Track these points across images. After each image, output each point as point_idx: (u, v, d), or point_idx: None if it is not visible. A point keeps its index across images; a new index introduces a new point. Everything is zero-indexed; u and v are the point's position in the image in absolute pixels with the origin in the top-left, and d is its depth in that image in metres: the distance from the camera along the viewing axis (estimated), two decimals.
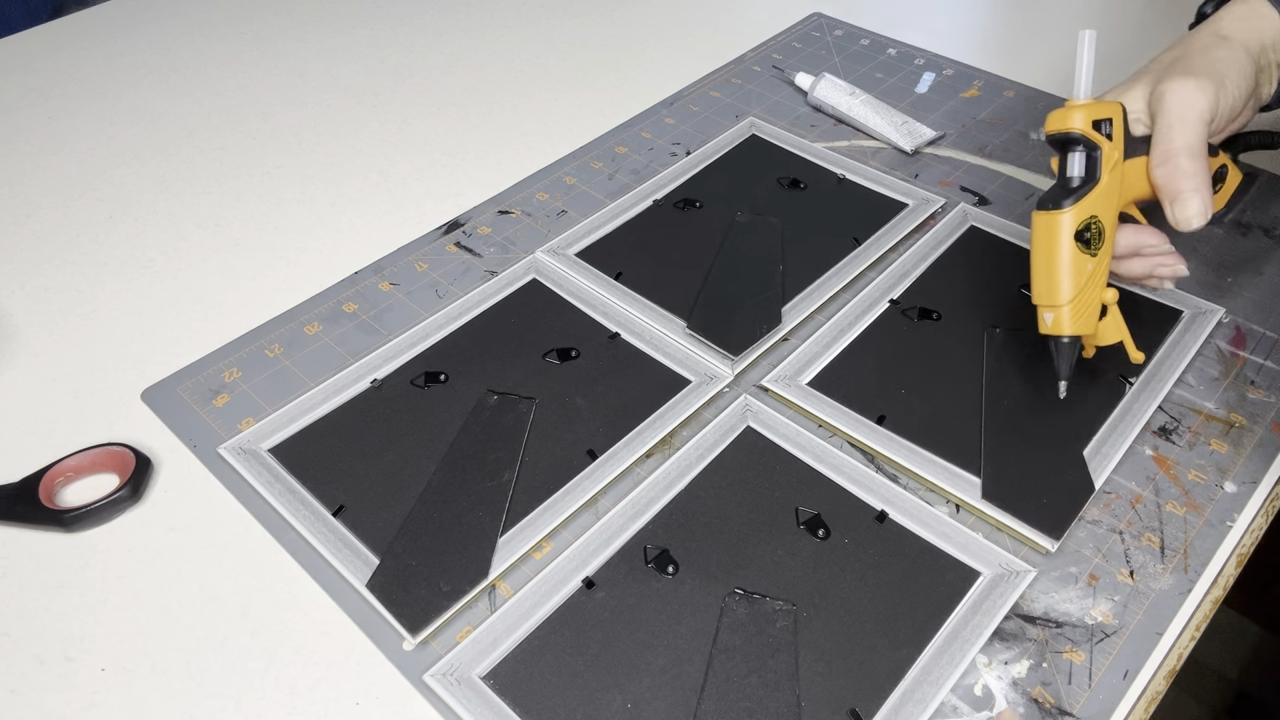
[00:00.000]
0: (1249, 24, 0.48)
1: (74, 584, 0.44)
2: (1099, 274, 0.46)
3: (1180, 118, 0.45)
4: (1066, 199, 0.44)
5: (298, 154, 0.71)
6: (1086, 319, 0.46)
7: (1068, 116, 0.45)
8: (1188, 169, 0.45)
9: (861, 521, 0.46)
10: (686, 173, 0.67)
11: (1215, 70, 0.46)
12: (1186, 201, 0.45)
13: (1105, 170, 0.45)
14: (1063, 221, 0.44)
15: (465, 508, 0.46)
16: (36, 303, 0.59)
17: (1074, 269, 0.45)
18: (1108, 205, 0.45)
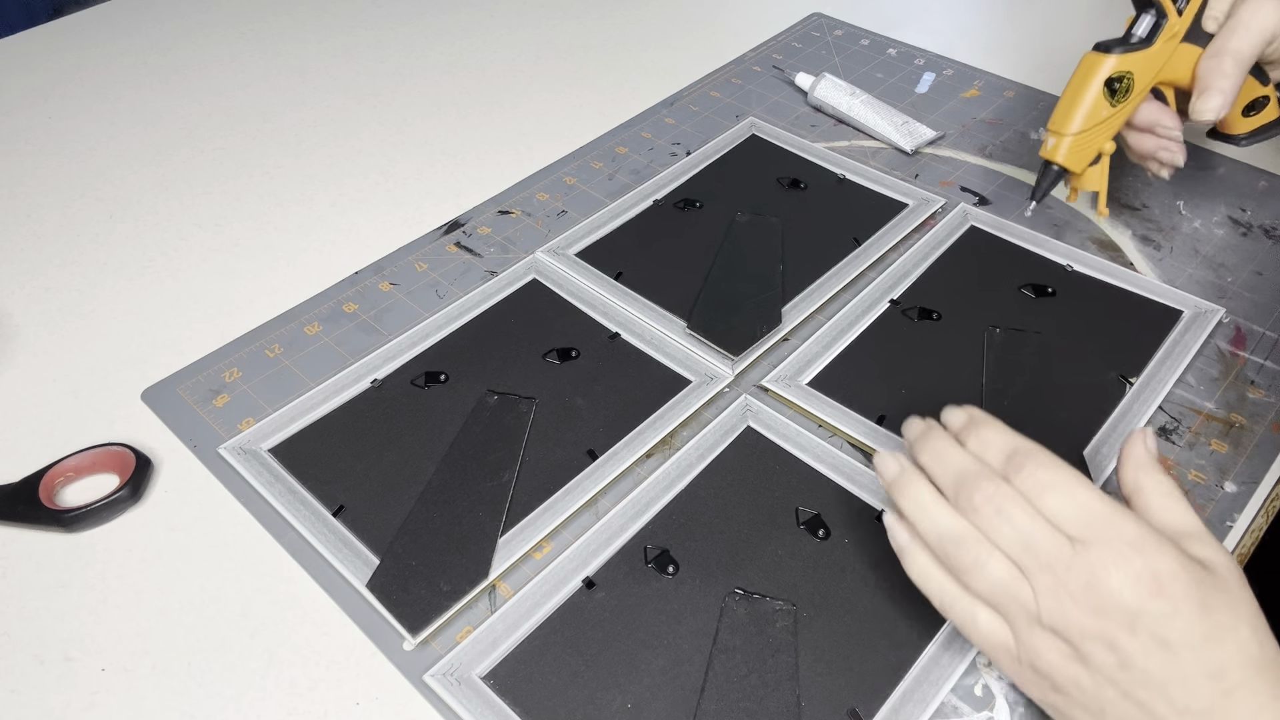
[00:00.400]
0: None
1: (74, 584, 0.44)
2: (1110, 124, 0.51)
3: (1245, 24, 0.49)
4: (1117, 47, 0.50)
5: (298, 154, 0.71)
6: (1080, 156, 0.52)
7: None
8: (1228, 70, 0.50)
9: (861, 521, 0.46)
10: (686, 173, 0.67)
11: None
12: (1211, 95, 0.50)
13: (1162, 39, 0.50)
14: (1104, 64, 0.50)
15: (465, 508, 0.46)
16: (36, 303, 0.59)
17: (1092, 108, 0.50)
18: (1147, 69, 0.50)
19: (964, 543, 0.36)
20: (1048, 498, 0.35)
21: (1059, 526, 0.35)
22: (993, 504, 0.36)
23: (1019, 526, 0.35)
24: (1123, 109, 0.51)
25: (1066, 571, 0.34)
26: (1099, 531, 0.34)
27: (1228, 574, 0.34)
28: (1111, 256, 0.59)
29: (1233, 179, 0.65)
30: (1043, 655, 0.35)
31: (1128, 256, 0.60)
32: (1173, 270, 0.58)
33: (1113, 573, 0.33)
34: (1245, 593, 0.34)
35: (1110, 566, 0.33)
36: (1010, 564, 0.35)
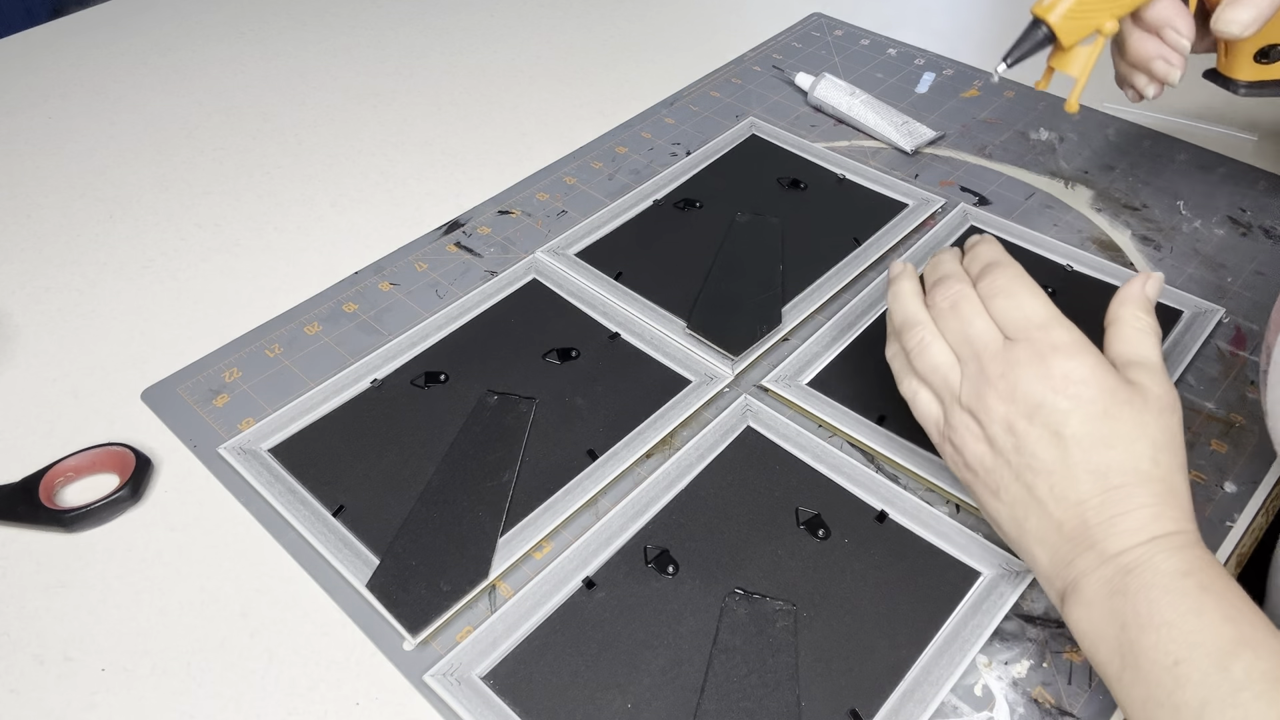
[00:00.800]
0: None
1: (74, 584, 0.44)
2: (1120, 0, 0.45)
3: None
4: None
5: (298, 154, 0.71)
6: (1076, 25, 0.45)
7: None
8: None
9: (861, 521, 0.46)
10: (686, 173, 0.67)
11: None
12: (1242, 8, 0.45)
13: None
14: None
15: (465, 508, 0.46)
16: (36, 303, 0.59)
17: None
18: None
19: (915, 328, 0.42)
20: (998, 300, 0.40)
21: (1000, 325, 0.40)
22: (949, 299, 0.41)
23: (963, 318, 0.41)
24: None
25: (991, 360, 0.39)
26: (1030, 333, 0.39)
27: (1155, 400, 0.37)
28: (1111, 256, 0.59)
29: (1233, 179, 0.65)
30: (958, 432, 0.40)
31: (1128, 256, 0.60)
32: (1173, 270, 0.58)
33: (1026, 367, 0.38)
34: (1165, 419, 0.37)
35: (1026, 361, 0.38)
36: (950, 351, 0.41)
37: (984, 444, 0.39)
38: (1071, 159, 0.67)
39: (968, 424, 0.40)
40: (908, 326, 0.43)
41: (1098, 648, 0.35)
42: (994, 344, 0.39)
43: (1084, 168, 0.66)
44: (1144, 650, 0.33)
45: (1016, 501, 0.38)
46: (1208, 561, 0.35)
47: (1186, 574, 0.34)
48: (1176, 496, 0.36)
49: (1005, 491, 0.39)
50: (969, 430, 0.40)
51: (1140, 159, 0.67)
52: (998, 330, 0.40)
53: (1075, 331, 0.39)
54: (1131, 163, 0.67)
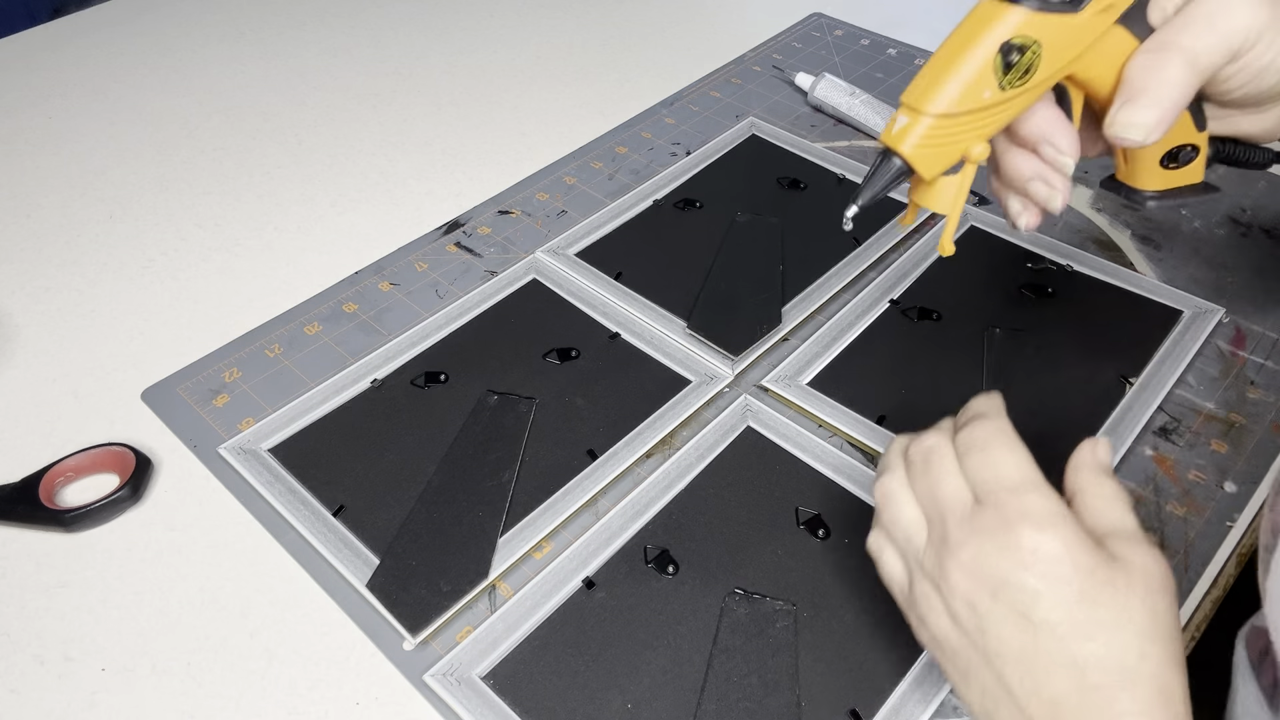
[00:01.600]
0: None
1: (74, 584, 0.44)
2: (990, 117, 0.35)
3: (1208, 17, 0.35)
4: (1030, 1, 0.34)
5: (298, 154, 0.71)
6: (936, 155, 0.35)
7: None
8: (1172, 75, 0.35)
9: (861, 522, 0.46)
10: (686, 173, 0.67)
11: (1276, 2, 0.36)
12: (1143, 106, 0.36)
13: (1092, 8, 0.35)
14: (1004, 19, 0.34)
15: (465, 508, 0.46)
16: (36, 303, 0.59)
17: (972, 82, 0.35)
18: (1062, 47, 0.35)
19: (885, 475, 0.37)
20: (972, 456, 0.35)
21: (973, 485, 0.35)
22: (922, 454, 0.36)
23: (933, 475, 0.35)
24: (1015, 98, 0.35)
25: (956, 525, 0.34)
26: (999, 496, 0.33)
27: (1141, 578, 0.32)
28: (1111, 256, 0.59)
29: (1233, 179, 0.65)
30: (919, 603, 0.35)
31: (1128, 256, 0.60)
32: (1173, 270, 0.58)
33: (992, 536, 0.33)
34: (1153, 600, 0.32)
35: (993, 531, 0.33)
36: (918, 509, 0.36)
37: (948, 619, 0.34)
38: None
39: (929, 595, 0.35)
40: (880, 485, 0.37)
41: None
42: (961, 506, 0.34)
43: (1084, 167, 0.66)
44: None
45: (987, 689, 0.33)
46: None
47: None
48: (1168, 699, 0.30)
49: (975, 676, 0.33)
50: (930, 602, 0.34)
51: None
52: (969, 491, 0.34)
53: (1053, 499, 0.33)
54: None
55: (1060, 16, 0.34)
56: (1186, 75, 0.36)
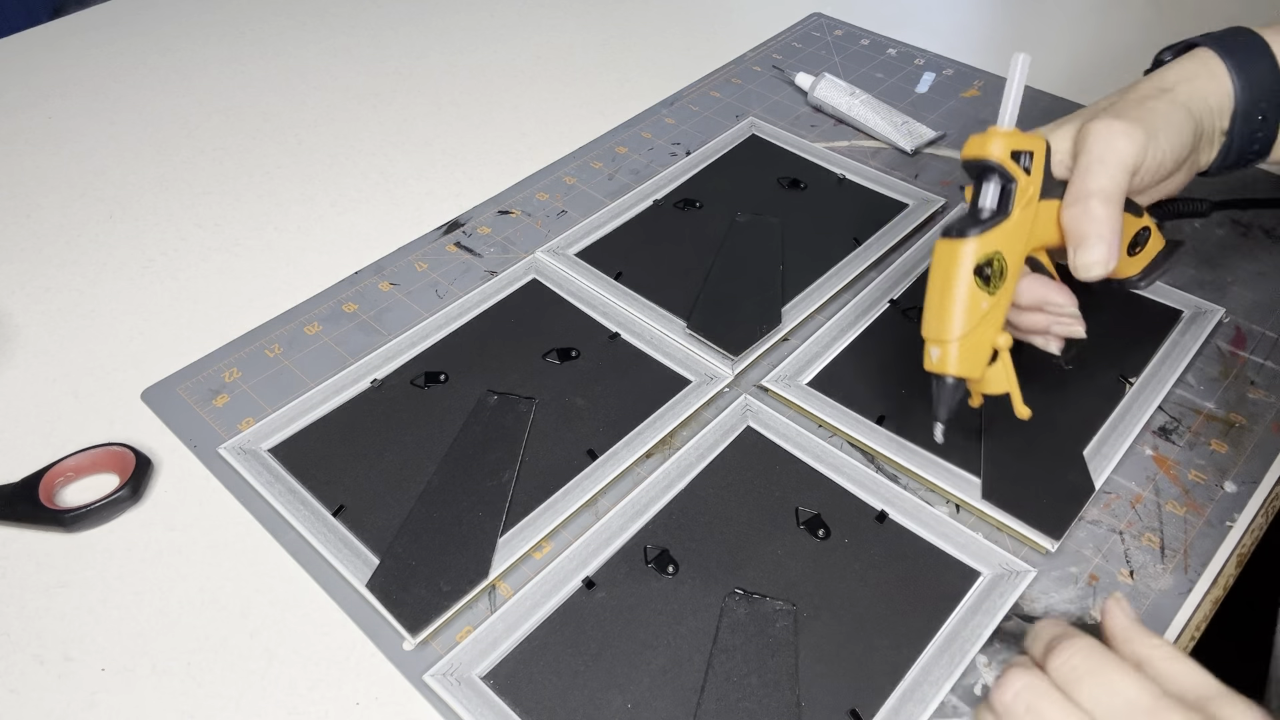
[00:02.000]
0: (1197, 83, 0.44)
1: (74, 584, 0.44)
2: (995, 315, 0.41)
3: (1100, 159, 0.41)
4: (973, 229, 0.40)
5: (298, 154, 0.71)
6: (974, 361, 0.41)
7: (986, 143, 0.40)
8: (1099, 214, 0.41)
9: (861, 521, 0.46)
10: (686, 173, 0.67)
11: (1148, 120, 0.42)
12: (1091, 247, 0.41)
13: (1018, 205, 0.41)
14: (964, 252, 0.40)
15: (465, 508, 0.46)
16: (36, 303, 0.59)
17: (969, 305, 0.40)
18: (1015, 243, 0.41)
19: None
20: (1084, 687, 0.33)
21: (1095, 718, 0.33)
22: (1023, 700, 0.33)
23: None
24: (1003, 295, 0.41)
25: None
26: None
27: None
28: None
29: (1233, 179, 0.65)
30: None
31: None
32: (1173, 270, 0.58)
33: None
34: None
35: None
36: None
37: None
38: None
39: None
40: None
41: None
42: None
43: None
44: None
45: None
46: None
47: None
48: None
49: None
50: None
51: None
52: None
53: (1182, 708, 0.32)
54: None
55: (1000, 225, 0.40)
56: (1108, 209, 0.41)
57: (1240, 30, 0.46)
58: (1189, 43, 0.46)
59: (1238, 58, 0.44)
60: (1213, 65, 0.44)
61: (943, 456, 0.48)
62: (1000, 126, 0.41)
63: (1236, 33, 0.46)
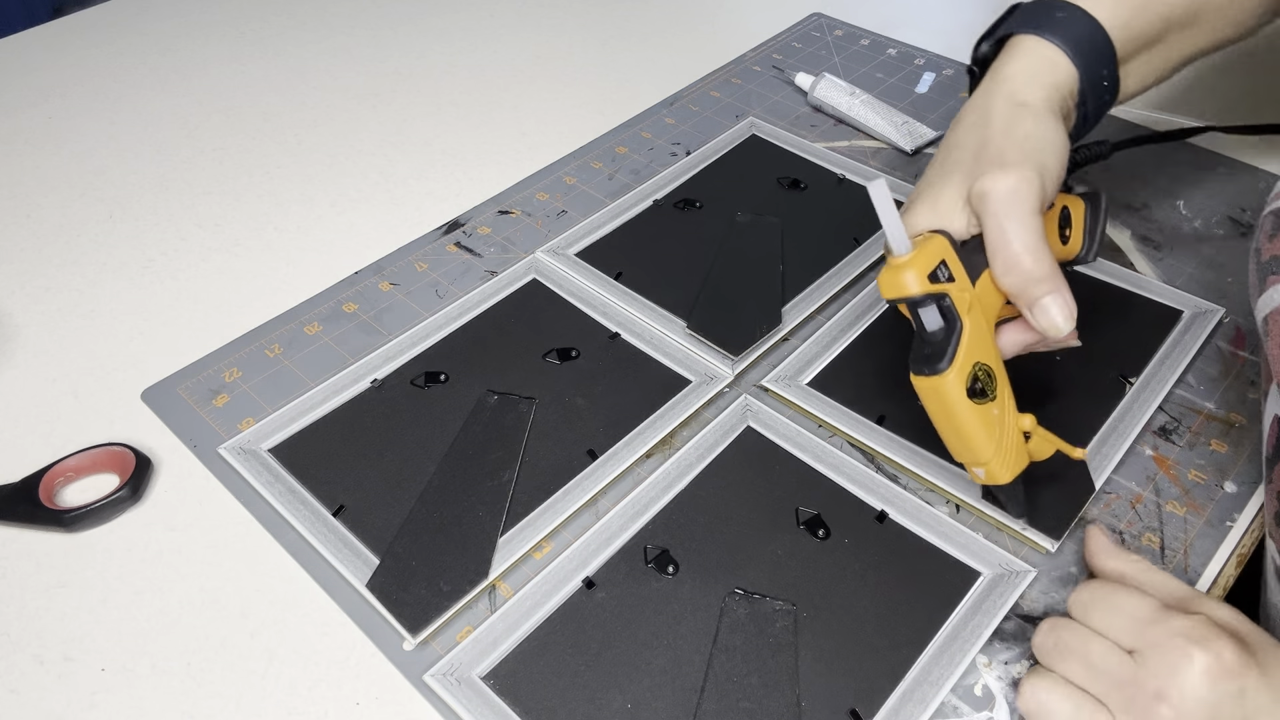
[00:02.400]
0: (1042, 78, 0.43)
1: (74, 584, 0.44)
2: (1007, 412, 0.41)
3: (1009, 217, 0.40)
4: (940, 360, 0.39)
5: (298, 154, 0.71)
6: (1017, 458, 0.41)
7: (900, 281, 0.38)
8: (1036, 273, 0.40)
9: (861, 521, 0.46)
10: (686, 173, 0.67)
11: (1031, 153, 0.41)
12: (1046, 308, 0.40)
13: (963, 312, 0.39)
14: (947, 387, 0.39)
15: (465, 508, 0.46)
16: (36, 303, 0.59)
17: (983, 426, 0.40)
18: (983, 343, 0.40)
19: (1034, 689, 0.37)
20: (1095, 613, 0.37)
21: (1115, 640, 0.36)
22: (1050, 638, 0.38)
23: (1078, 655, 0.37)
24: (1002, 392, 0.41)
25: (1135, 685, 0.35)
26: (1153, 635, 0.35)
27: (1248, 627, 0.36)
28: (1111, 256, 0.59)
29: (1233, 179, 0.65)
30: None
31: (1128, 256, 0.60)
32: (1173, 270, 0.58)
33: (1181, 671, 0.34)
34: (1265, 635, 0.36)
35: (1178, 666, 0.34)
36: (1079, 696, 0.36)
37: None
38: None
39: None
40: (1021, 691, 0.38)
41: None
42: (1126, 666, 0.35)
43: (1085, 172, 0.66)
44: None
45: None
46: None
47: None
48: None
49: None
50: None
51: (1140, 159, 0.67)
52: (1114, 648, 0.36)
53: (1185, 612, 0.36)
54: (1132, 163, 0.67)
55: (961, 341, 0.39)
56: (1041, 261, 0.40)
57: (1045, 2, 0.46)
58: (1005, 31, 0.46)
59: (1064, 34, 0.44)
60: (1048, 53, 0.44)
61: (943, 456, 0.48)
62: (899, 256, 0.39)
63: (1046, 6, 0.45)
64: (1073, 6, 0.45)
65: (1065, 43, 0.44)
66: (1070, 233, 0.46)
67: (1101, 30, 0.45)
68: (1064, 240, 0.46)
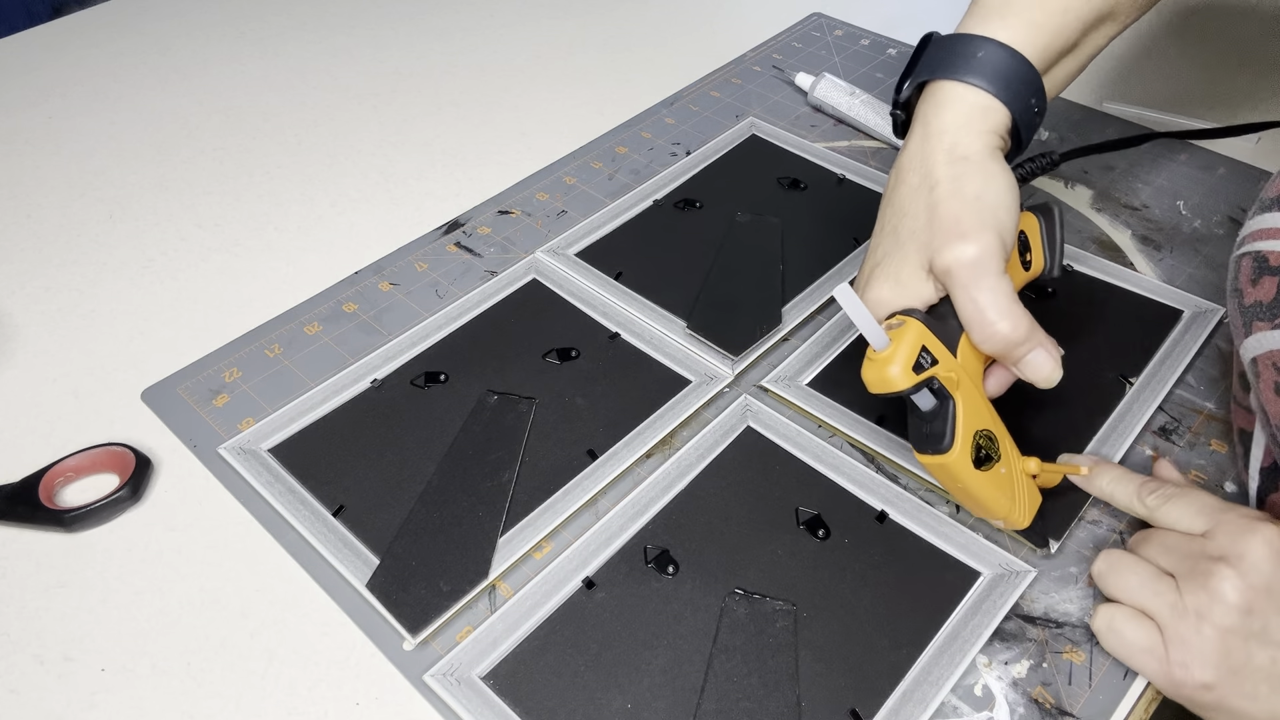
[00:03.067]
0: (976, 126, 0.43)
1: (74, 584, 0.44)
2: (1014, 466, 0.42)
3: (978, 288, 0.40)
4: (942, 440, 0.40)
5: (298, 154, 0.71)
6: (1031, 502, 0.43)
7: (887, 378, 0.39)
8: (1014, 337, 0.40)
9: (861, 521, 0.46)
10: (686, 173, 0.67)
11: (986, 215, 0.41)
12: (1031, 364, 0.41)
13: (953, 388, 0.40)
14: (955, 463, 0.40)
15: (465, 508, 0.46)
16: (36, 303, 0.59)
17: (996, 488, 0.41)
18: (978, 411, 0.41)
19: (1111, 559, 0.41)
20: (1166, 511, 0.41)
21: (1188, 529, 0.40)
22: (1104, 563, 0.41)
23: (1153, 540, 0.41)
24: (1005, 447, 0.42)
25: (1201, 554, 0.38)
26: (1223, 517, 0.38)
27: None
28: (1111, 256, 0.59)
29: (1233, 179, 0.65)
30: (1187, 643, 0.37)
31: (1128, 256, 0.60)
32: (1173, 270, 0.58)
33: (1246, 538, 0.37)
34: None
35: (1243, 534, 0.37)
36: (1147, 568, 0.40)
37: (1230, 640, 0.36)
38: None
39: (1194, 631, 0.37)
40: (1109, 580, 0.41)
41: None
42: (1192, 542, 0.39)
43: (1084, 168, 0.66)
44: None
45: None
46: None
47: None
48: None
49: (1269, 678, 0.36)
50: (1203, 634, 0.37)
51: (1140, 159, 0.67)
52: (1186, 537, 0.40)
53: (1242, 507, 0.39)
54: (1131, 163, 0.67)
55: (959, 416, 0.40)
56: (1016, 322, 0.40)
57: (959, 39, 0.45)
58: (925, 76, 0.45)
59: (989, 75, 0.43)
60: (977, 99, 0.43)
61: None
62: (879, 351, 0.40)
63: (962, 44, 0.44)
64: (990, 42, 0.44)
65: (992, 84, 0.43)
66: (1030, 255, 0.46)
67: (1023, 60, 0.43)
68: (1026, 266, 0.46)
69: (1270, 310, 0.39)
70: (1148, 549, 0.41)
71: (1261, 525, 0.37)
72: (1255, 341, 0.40)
